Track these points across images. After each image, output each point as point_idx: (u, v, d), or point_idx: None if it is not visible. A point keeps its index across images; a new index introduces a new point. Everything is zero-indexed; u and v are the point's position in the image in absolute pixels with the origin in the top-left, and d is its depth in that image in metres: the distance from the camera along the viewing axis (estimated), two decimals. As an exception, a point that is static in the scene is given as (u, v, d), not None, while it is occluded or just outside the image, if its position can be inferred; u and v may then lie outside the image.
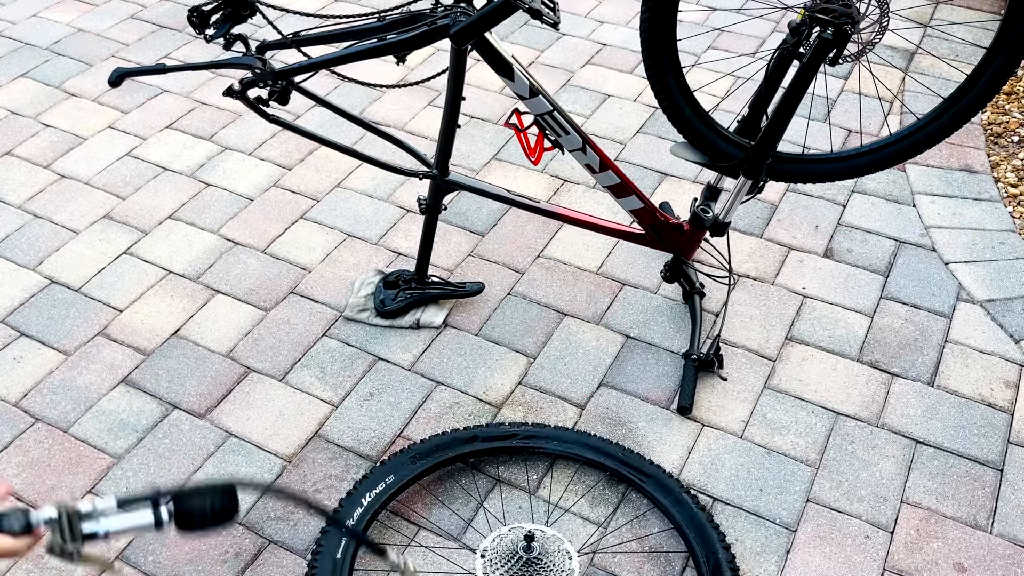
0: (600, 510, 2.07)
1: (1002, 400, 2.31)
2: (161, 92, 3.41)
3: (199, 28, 1.97)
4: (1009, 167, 3.09)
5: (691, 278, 2.51)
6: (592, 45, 3.70)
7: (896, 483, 2.12)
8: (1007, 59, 2.01)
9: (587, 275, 2.66)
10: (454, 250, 2.74)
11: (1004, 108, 3.39)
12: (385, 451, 2.18)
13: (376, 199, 2.93)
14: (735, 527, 2.04)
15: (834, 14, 1.95)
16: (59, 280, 2.63)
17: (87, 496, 0.98)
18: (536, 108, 2.12)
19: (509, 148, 3.15)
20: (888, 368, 2.39)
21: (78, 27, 3.77)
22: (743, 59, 3.52)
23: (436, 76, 2.31)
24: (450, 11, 2.00)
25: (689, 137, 2.22)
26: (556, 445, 2.12)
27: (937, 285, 2.63)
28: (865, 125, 3.23)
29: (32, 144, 3.15)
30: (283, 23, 3.29)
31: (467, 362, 2.40)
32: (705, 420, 2.26)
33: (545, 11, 1.90)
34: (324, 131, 2.70)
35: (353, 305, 2.53)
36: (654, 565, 1.97)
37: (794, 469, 2.15)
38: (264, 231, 2.80)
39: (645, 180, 3.02)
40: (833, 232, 2.82)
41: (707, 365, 2.33)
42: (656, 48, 2.05)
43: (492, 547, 1.92)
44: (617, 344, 2.45)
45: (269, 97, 2.02)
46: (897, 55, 3.62)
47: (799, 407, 2.29)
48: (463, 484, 2.12)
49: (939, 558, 1.98)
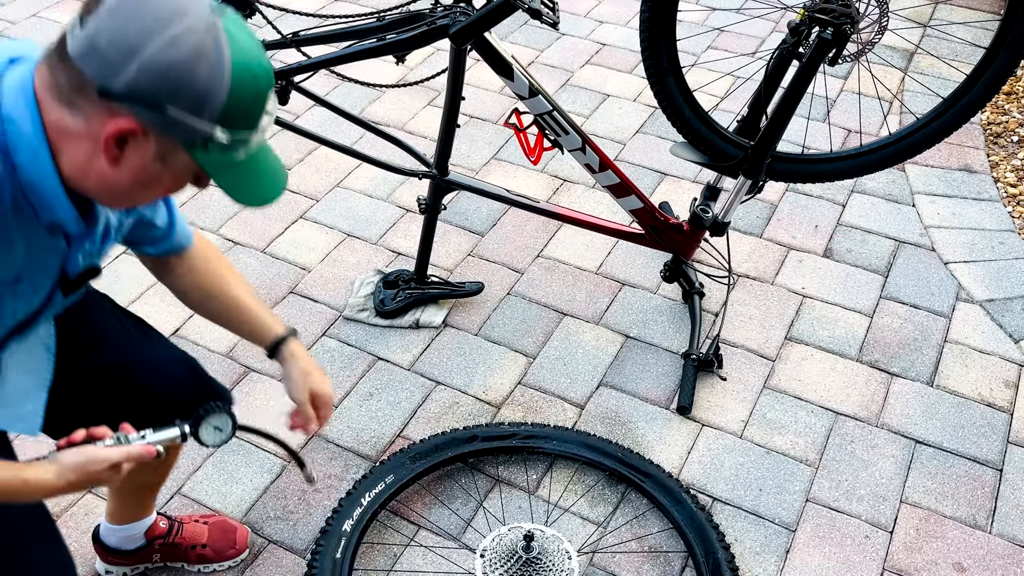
0: (600, 510, 2.07)
1: (1001, 400, 2.31)
2: (161, 92, 3.40)
3: (199, 28, 1.97)
4: (1008, 167, 3.09)
5: (691, 278, 2.52)
6: (592, 45, 3.70)
7: (895, 483, 2.12)
8: (1007, 59, 2.01)
9: (587, 275, 2.66)
10: (454, 250, 2.74)
11: (1004, 108, 3.39)
12: (385, 451, 2.19)
13: (376, 199, 2.93)
14: (734, 527, 2.04)
15: (834, 14, 1.95)
16: (59, 280, 2.63)
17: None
18: (536, 108, 2.12)
19: (509, 148, 3.15)
20: (887, 368, 2.39)
21: (78, 27, 3.77)
22: (743, 59, 3.52)
23: (436, 76, 2.31)
24: (449, 11, 2.00)
25: (689, 137, 2.23)
26: (556, 445, 2.12)
27: (936, 285, 2.63)
28: (865, 125, 3.24)
29: (32, 144, 3.15)
30: (283, 23, 3.29)
31: (467, 362, 2.40)
32: (705, 420, 2.26)
33: (545, 11, 1.90)
34: (324, 131, 2.69)
35: (353, 305, 2.53)
36: (654, 565, 1.97)
37: (793, 469, 2.15)
38: (264, 231, 2.80)
39: (645, 180, 3.02)
40: (833, 232, 2.82)
41: (707, 365, 2.33)
42: (656, 48, 2.05)
43: (492, 547, 1.92)
44: (617, 344, 2.45)
45: (269, 97, 2.02)
46: (897, 55, 3.62)
47: (799, 407, 2.29)
48: (463, 484, 2.12)
49: (938, 558, 1.98)
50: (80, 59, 1.00)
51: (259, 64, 1.07)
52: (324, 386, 1.52)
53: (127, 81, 1.00)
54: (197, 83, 1.01)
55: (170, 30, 1.00)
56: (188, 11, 1.01)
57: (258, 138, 1.11)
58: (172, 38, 1.00)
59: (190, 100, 1.02)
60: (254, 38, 1.09)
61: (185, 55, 1.00)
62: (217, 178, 1.10)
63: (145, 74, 1.00)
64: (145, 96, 1.01)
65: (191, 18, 1.01)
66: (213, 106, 1.03)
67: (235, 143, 1.08)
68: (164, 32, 1.00)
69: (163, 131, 1.04)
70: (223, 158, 1.08)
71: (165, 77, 1.00)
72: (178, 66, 1.00)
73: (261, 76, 1.07)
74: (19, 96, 1.06)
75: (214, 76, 1.02)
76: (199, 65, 1.01)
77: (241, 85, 1.04)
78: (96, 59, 1.00)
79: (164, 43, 0.99)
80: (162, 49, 0.99)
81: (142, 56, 0.99)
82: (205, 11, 1.03)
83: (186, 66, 1.00)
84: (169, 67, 1.00)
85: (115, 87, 1.00)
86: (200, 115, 1.03)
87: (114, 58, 0.99)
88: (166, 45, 0.99)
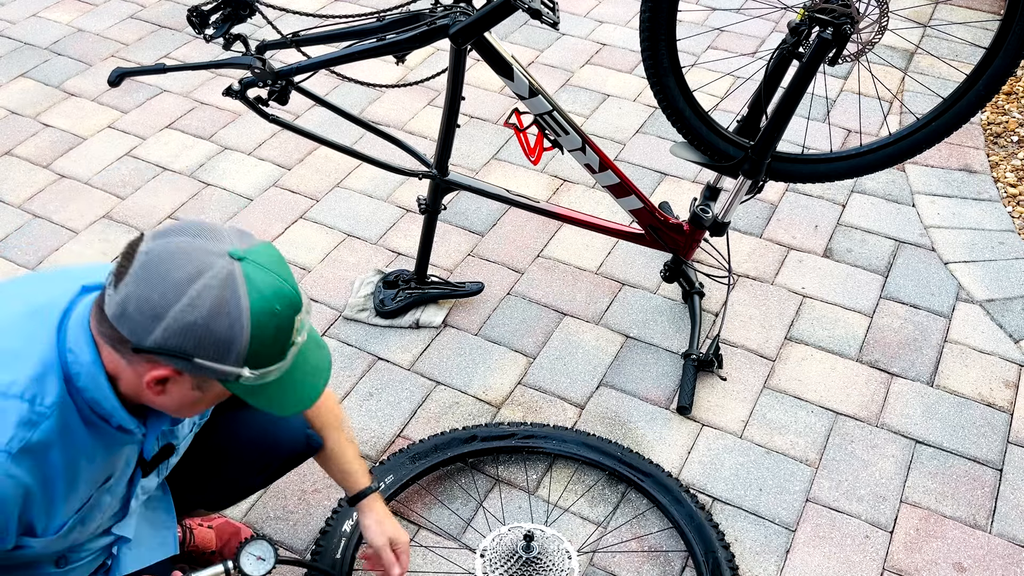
0: (599, 510, 2.07)
1: (1001, 400, 2.31)
2: (160, 92, 3.41)
3: (198, 28, 1.97)
4: (1008, 167, 3.09)
5: (690, 278, 2.52)
6: (592, 45, 3.70)
7: (895, 483, 2.12)
8: (1007, 59, 2.01)
9: (587, 275, 2.66)
10: (454, 250, 2.74)
11: (1004, 108, 3.39)
12: (385, 451, 2.19)
13: (376, 199, 2.93)
14: (734, 527, 2.04)
15: (834, 14, 1.95)
16: (59, 280, 2.63)
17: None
18: (536, 108, 2.12)
19: (509, 148, 3.15)
20: (887, 368, 2.39)
21: (78, 27, 3.77)
22: (743, 59, 3.52)
23: (435, 76, 2.31)
24: (449, 11, 2.00)
25: (689, 137, 2.22)
26: (555, 445, 2.12)
27: (936, 285, 2.63)
28: (865, 125, 3.24)
29: (32, 144, 3.15)
30: (283, 23, 3.29)
31: (467, 362, 2.40)
32: (705, 420, 2.26)
33: (545, 11, 1.90)
34: (324, 131, 2.69)
35: (353, 305, 2.53)
36: (653, 565, 1.97)
37: (793, 469, 2.15)
38: (263, 231, 2.80)
39: (644, 180, 3.02)
40: (833, 232, 2.82)
41: (707, 365, 2.33)
42: (656, 48, 2.05)
43: (492, 547, 1.92)
44: (617, 344, 2.45)
45: (269, 97, 2.02)
46: (897, 55, 3.62)
47: (798, 407, 2.29)
48: (462, 484, 2.12)
49: (938, 558, 1.98)
50: (115, 321, 1.13)
51: (281, 299, 1.16)
52: (401, 534, 1.70)
53: (156, 340, 1.11)
54: (218, 335, 1.12)
55: (189, 293, 1.11)
56: (205, 270, 1.12)
57: (292, 351, 1.20)
58: (191, 300, 1.11)
59: (214, 350, 1.13)
60: (276, 269, 1.18)
61: (204, 314, 1.11)
62: (250, 400, 1.22)
63: (171, 334, 1.11)
64: (174, 350, 1.12)
65: (208, 276, 1.12)
66: (236, 352, 1.14)
67: (264, 374, 1.18)
68: (183, 296, 1.11)
69: (196, 372, 1.15)
70: (256, 383, 1.19)
71: (188, 335, 1.11)
72: (199, 325, 1.11)
73: (283, 312, 1.16)
74: (80, 332, 1.19)
75: (233, 327, 1.12)
76: (218, 319, 1.11)
77: (261, 328, 1.14)
78: (128, 322, 1.12)
79: (184, 306, 1.11)
80: (183, 312, 1.11)
81: (166, 320, 1.11)
82: (222, 264, 1.13)
83: (206, 323, 1.11)
84: (191, 327, 1.11)
85: (147, 344, 1.12)
86: (225, 362, 1.14)
87: (142, 322, 1.11)
88: (186, 307, 1.11)
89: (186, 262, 1.12)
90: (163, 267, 1.11)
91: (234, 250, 1.14)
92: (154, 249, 1.13)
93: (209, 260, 1.12)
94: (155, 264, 1.12)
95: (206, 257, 1.13)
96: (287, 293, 1.16)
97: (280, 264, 1.19)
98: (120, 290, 1.12)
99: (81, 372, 1.18)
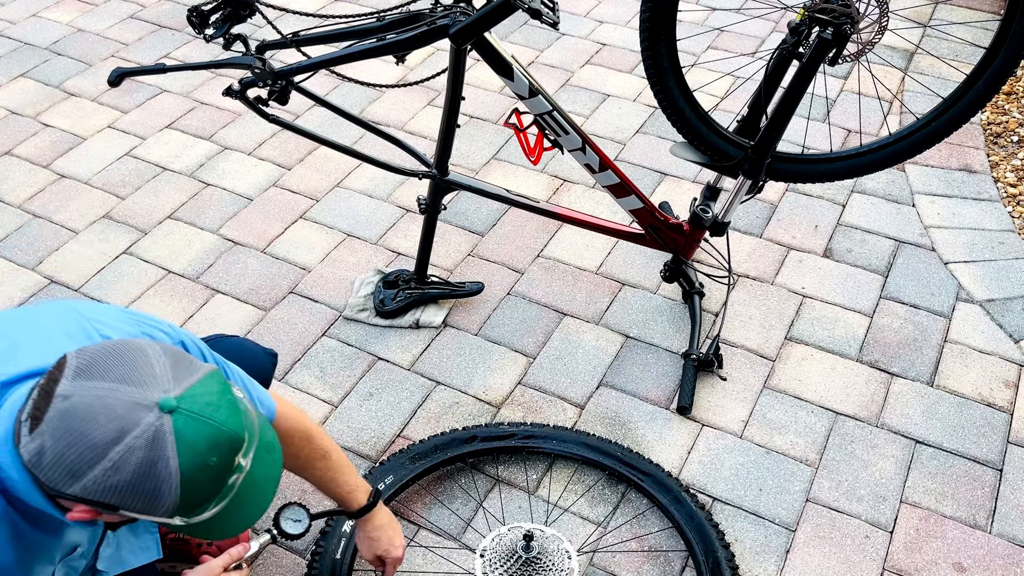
0: (599, 510, 2.07)
1: (1001, 400, 2.31)
2: (160, 92, 3.41)
3: (198, 28, 1.97)
4: (1008, 167, 3.09)
5: (690, 278, 2.52)
6: (592, 45, 3.70)
7: (895, 483, 2.12)
8: (1006, 59, 2.01)
9: (587, 275, 2.66)
10: (454, 250, 2.74)
11: (1004, 108, 3.39)
12: (384, 451, 2.19)
13: (376, 199, 2.93)
14: (734, 527, 2.04)
15: (834, 14, 1.95)
16: (59, 280, 2.63)
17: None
18: (536, 108, 2.12)
19: (509, 148, 3.15)
20: (887, 368, 2.39)
21: (78, 27, 3.77)
22: (743, 59, 3.52)
23: (435, 76, 2.31)
24: (449, 11, 2.00)
25: (689, 137, 2.22)
26: (555, 445, 2.12)
27: (936, 285, 2.63)
28: (865, 125, 3.24)
29: (32, 144, 3.15)
30: (283, 23, 3.29)
31: (467, 362, 2.40)
32: (705, 420, 2.26)
33: (544, 11, 1.90)
34: (324, 131, 2.69)
35: (353, 305, 2.53)
36: (653, 564, 1.97)
37: (794, 469, 2.15)
38: (264, 231, 2.80)
39: (644, 180, 3.02)
40: (833, 232, 2.82)
41: (707, 365, 2.33)
42: (656, 48, 2.05)
43: (491, 547, 1.92)
44: (616, 344, 2.45)
45: (269, 97, 2.02)
46: (897, 55, 3.62)
47: (798, 407, 2.29)
48: (462, 484, 2.12)
49: (938, 558, 1.98)
50: (31, 466, 1.04)
51: (216, 450, 1.08)
52: (392, 550, 1.72)
53: (75, 493, 1.04)
54: (144, 495, 1.04)
55: (110, 456, 1.02)
56: (130, 429, 1.02)
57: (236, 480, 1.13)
58: (114, 464, 1.02)
59: (140, 505, 1.06)
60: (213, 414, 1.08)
61: (127, 478, 1.03)
62: (188, 532, 1.15)
63: (91, 492, 1.04)
64: (95, 503, 1.05)
65: (132, 437, 1.02)
66: (164, 506, 1.06)
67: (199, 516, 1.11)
68: (103, 459, 1.02)
69: (123, 516, 1.08)
70: (190, 521, 1.12)
71: (111, 494, 1.04)
72: (121, 486, 1.03)
73: (219, 462, 1.08)
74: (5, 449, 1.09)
75: (161, 488, 1.04)
76: (144, 482, 1.03)
77: (193, 483, 1.06)
78: (44, 472, 1.03)
79: (105, 469, 1.02)
80: (104, 475, 1.02)
81: (84, 481, 1.02)
82: (149, 421, 1.03)
83: (130, 485, 1.03)
84: (113, 488, 1.03)
85: (66, 493, 1.04)
86: (153, 514, 1.07)
87: (59, 478, 1.03)
88: (108, 471, 1.02)
89: (108, 420, 1.02)
90: (82, 424, 1.01)
91: (165, 400, 1.04)
92: (74, 395, 1.03)
93: (135, 416, 1.02)
94: (73, 418, 1.02)
95: (131, 413, 1.02)
96: (223, 442, 1.08)
97: (219, 402, 1.09)
98: (35, 438, 1.03)
99: (16, 486, 1.11)
